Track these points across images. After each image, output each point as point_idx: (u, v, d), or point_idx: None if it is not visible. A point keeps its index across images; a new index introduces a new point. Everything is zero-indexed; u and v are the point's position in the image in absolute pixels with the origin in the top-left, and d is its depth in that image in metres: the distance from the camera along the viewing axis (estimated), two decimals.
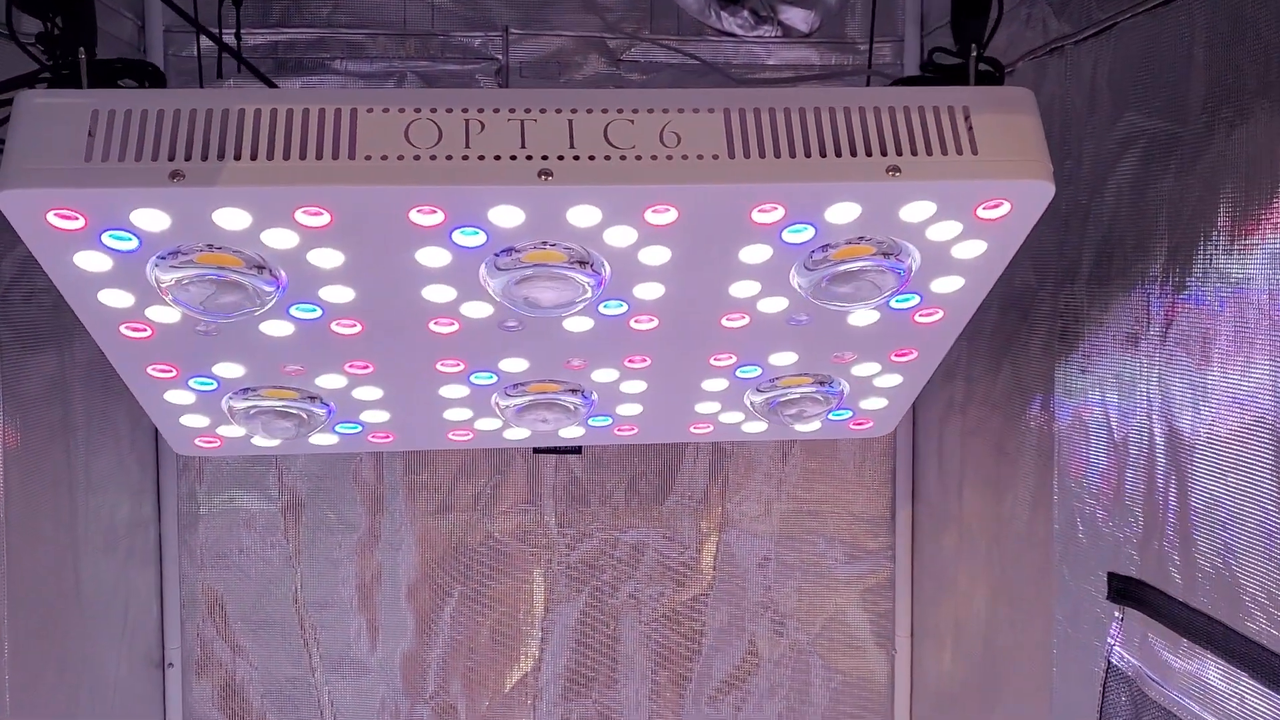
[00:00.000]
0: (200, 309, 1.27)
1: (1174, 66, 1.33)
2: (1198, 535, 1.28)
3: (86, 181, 1.12)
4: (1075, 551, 1.57)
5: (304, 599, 2.25)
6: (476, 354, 1.48)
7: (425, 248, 1.24)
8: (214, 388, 1.51)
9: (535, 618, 2.31)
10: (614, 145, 1.18)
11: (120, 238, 1.19)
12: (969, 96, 1.23)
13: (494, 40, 2.18)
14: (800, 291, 1.37)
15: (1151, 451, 1.38)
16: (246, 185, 1.13)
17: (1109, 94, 1.47)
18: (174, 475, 2.18)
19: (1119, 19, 1.44)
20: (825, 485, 2.33)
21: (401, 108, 1.17)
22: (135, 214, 1.16)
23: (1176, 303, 1.33)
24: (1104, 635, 1.50)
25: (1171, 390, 1.34)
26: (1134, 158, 1.41)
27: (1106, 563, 1.50)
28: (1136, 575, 1.43)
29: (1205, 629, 1.26)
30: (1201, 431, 1.27)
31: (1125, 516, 1.45)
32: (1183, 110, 1.31)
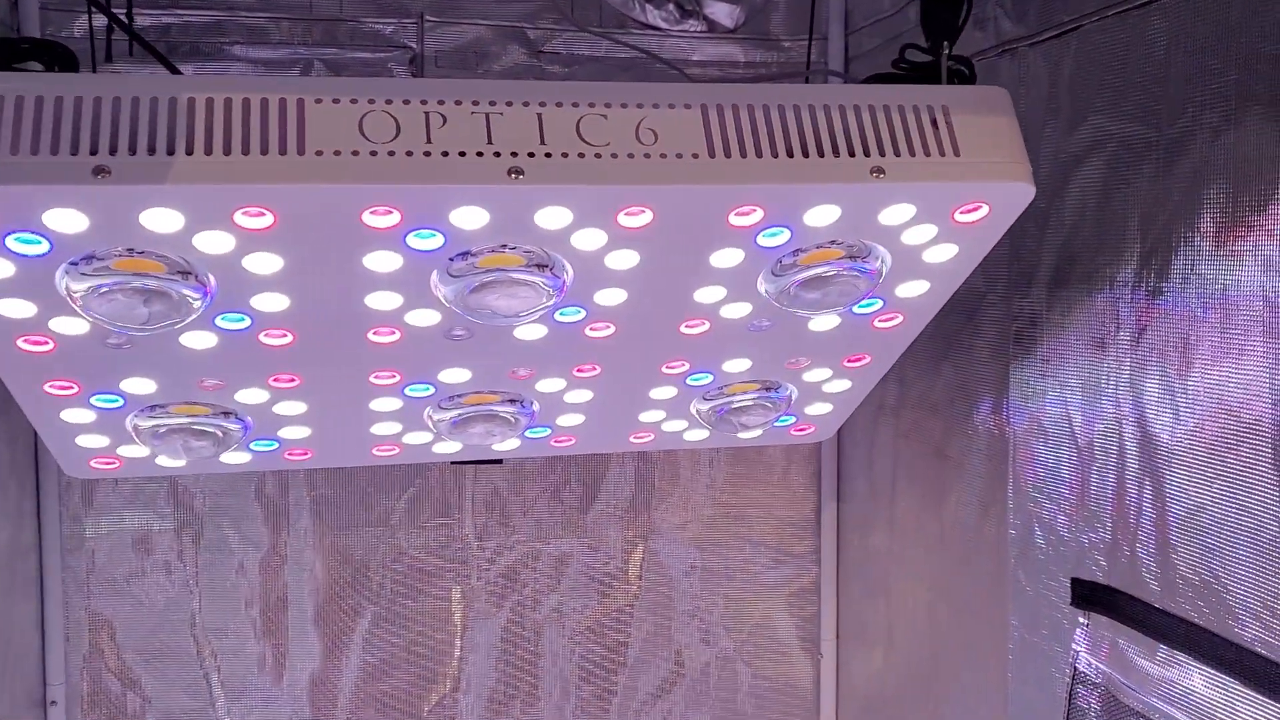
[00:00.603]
0: (117, 321, 1.13)
1: (1147, 71, 1.31)
2: (1178, 542, 1.26)
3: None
4: (1033, 556, 1.55)
5: (202, 625, 2.10)
6: (415, 365, 1.38)
7: (375, 251, 1.14)
8: (119, 405, 1.37)
9: (454, 635, 2.20)
10: (587, 142, 1.09)
11: (28, 241, 1.05)
12: (947, 96, 1.18)
13: (407, 28, 2.06)
14: (765, 296, 1.31)
15: (1122, 457, 1.36)
16: (182, 183, 1.01)
17: (1070, 97, 1.45)
18: (55, 497, 2.00)
19: (1084, 22, 1.41)
20: (751, 490, 2.29)
21: (354, 98, 1.06)
22: (49, 214, 1.02)
23: (1152, 307, 1.31)
24: (1066, 641, 1.48)
25: (1146, 396, 1.32)
26: (1100, 162, 1.39)
27: (1069, 569, 1.48)
28: (1104, 581, 1.41)
29: (1187, 635, 1.24)
30: (1182, 438, 1.26)
31: (1091, 523, 1.43)
32: (1157, 115, 1.29)
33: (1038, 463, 1.55)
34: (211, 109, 1.03)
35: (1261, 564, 1.15)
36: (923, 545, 1.92)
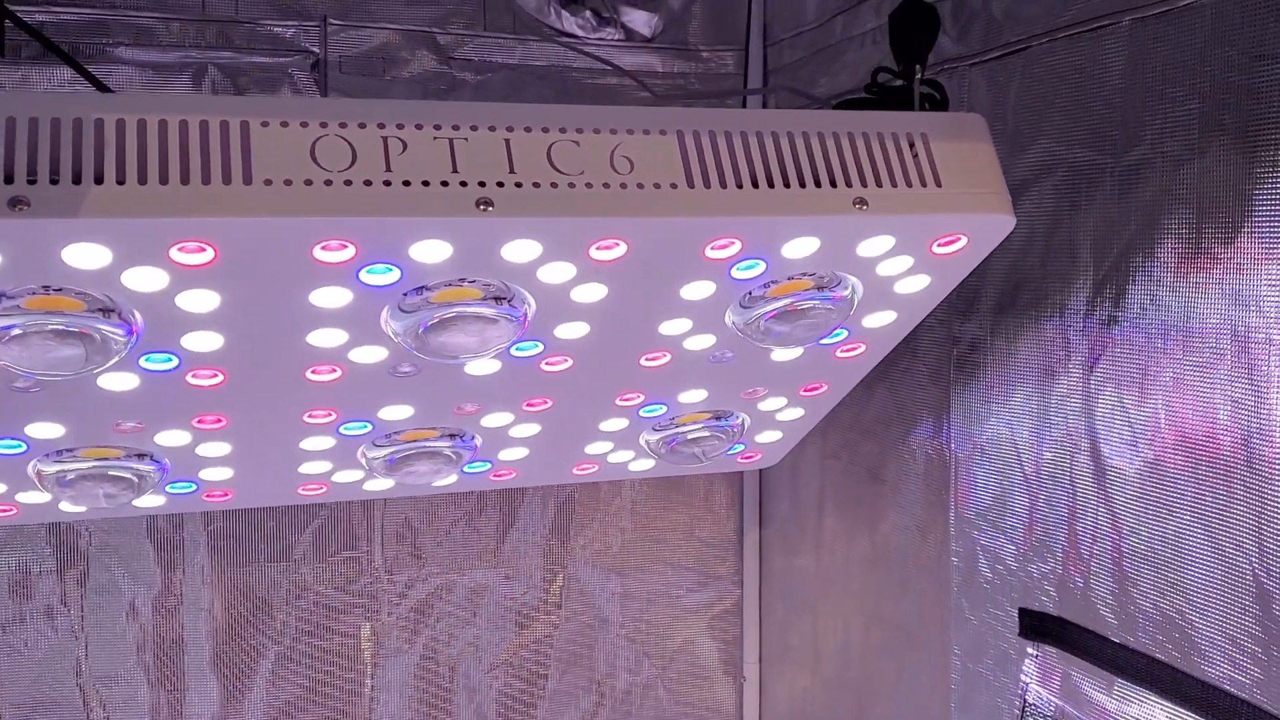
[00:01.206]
0: (32, 367, 1.01)
1: (1100, 96, 1.30)
2: (1137, 575, 1.26)
3: None
4: (977, 585, 1.54)
5: (89, 673, 1.94)
6: (354, 403, 1.28)
7: (324, 287, 1.04)
8: (21, 451, 1.23)
9: (363, 674, 2.08)
10: (560, 170, 1.02)
11: None
12: (926, 123, 1.14)
13: (309, 31, 1.94)
14: (731, 328, 1.25)
15: (1074, 487, 1.35)
16: (112, 217, 0.89)
17: (1016, 120, 1.43)
18: None
19: (1032, 44, 1.40)
20: (672, 512, 2.23)
21: (304, 121, 0.96)
22: None
23: (1106, 336, 1.30)
24: (1014, 672, 1.47)
25: (1100, 425, 1.31)
26: (1048, 187, 1.38)
27: (1016, 599, 1.46)
28: (1054, 612, 1.40)
29: (1149, 670, 1.24)
30: (1141, 469, 1.25)
31: (1040, 552, 1.42)
32: (1111, 141, 1.28)
33: (981, 490, 1.53)
34: (144, 132, 0.92)
35: (1231, 601, 1.15)
36: (853, 569, 1.90)
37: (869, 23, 1.80)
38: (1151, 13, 1.21)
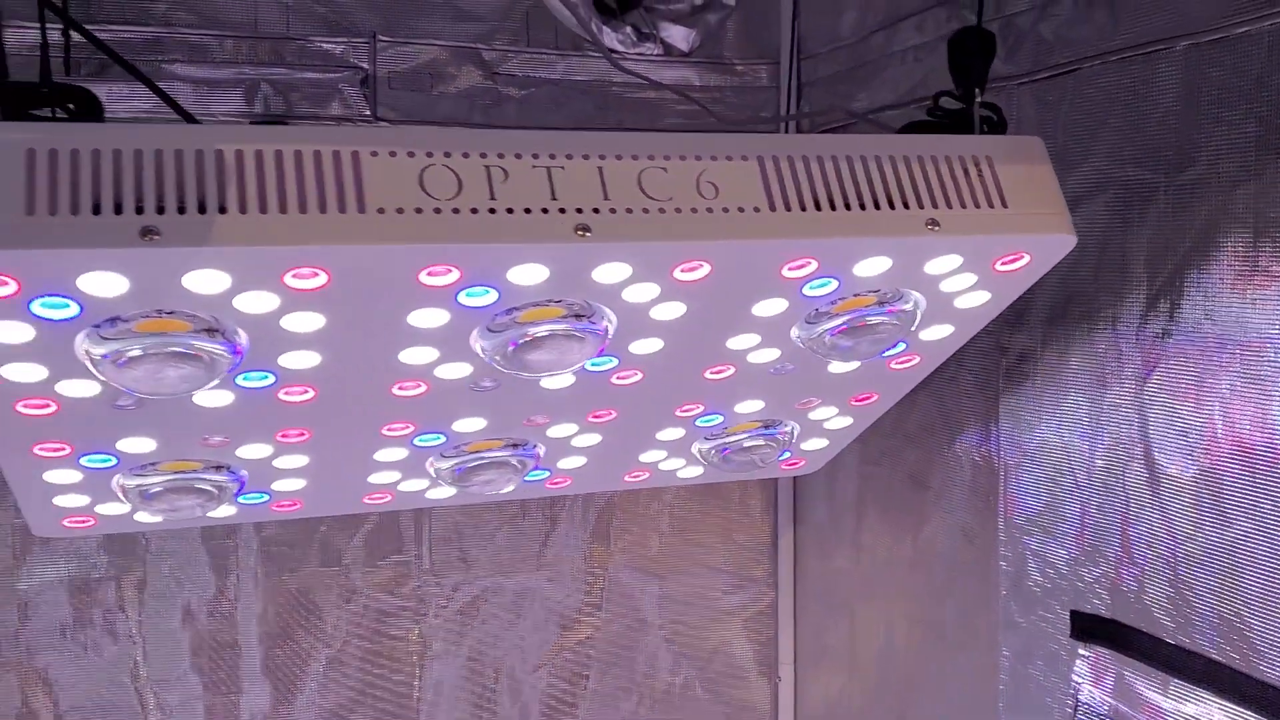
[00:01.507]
0: (144, 388, 1.05)
1: (1153, 117, 1.34)
2: (1193, 579, 1.30)
3: (31, 241, 0.89)
4: (1026, 589, 1.58)
5: (146, 676, 1.98)
6: (432, 416, 1.32)
7: (424, 309, 1.08)
8: (111, 465, 1.28)
9: (411, 676, 2.13)
10: (650, 196, 1.06)
11: (56, 305, 0.96)
12: (990, 146, 1.19)
13: (358, 47, 1.99)
14: (796, 342, 1.30)
15: (1127, 494, 1.40)
16: (236, 245, 0.94)
17: (1066, 138, 1.48)
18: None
19: (1082, 66, 1.44)
20: (709, 516, 2.28)
21: (411, 151, 1.00)
22: (85, 278, 0.93)
23: (1160, 348, 1.34)
24: (1065, 673, 1.51)
25: (1155, 434, 1.35)
26: (1100, 205, 1.42)
27: (1067, 602, 1.51)
28: (1107, 615, 1.44)
29: (1206, 671, 1.28)
30: (1198, 477, 1.29)
31: (1092, 557, 1.46)
32: (1164, 161, 1.33)
33: (1031, 496, 1.58)
34: (263, 162, 0.96)
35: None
36: (893, 571, 1.94)
37: (910, 39, 1.84)
38: (1207, 39, 1.26)
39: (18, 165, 0.90)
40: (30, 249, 0.89)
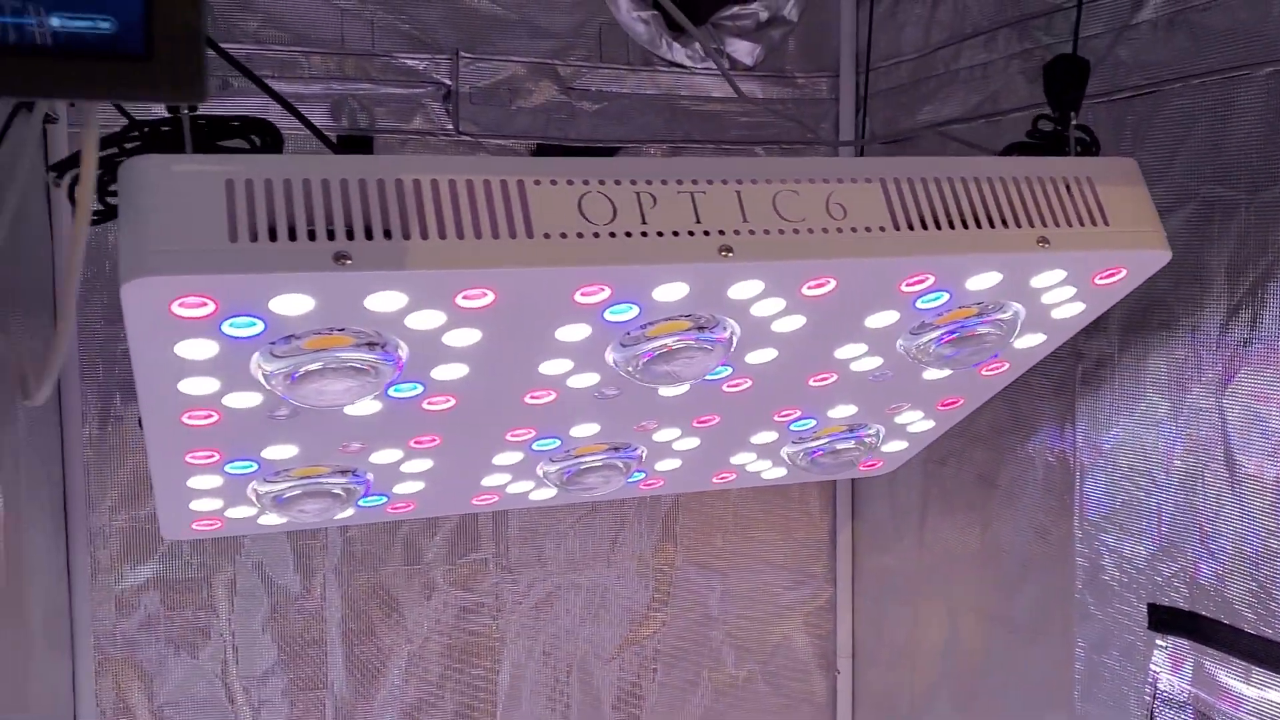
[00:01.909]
0: (318, 399, 1.12)
1: (1233, 138, 1.41)
2: (1277, 574, 1.38)
3: (235, 266, 0.96)
4: (1103, 584, 1.66)
5: (236, 673, 2.05)
6: (553, 422, 1.39)
7: (572, 324, 1.15)
8: (252, 470, 1.34)
9: (490, 671, 2.20)
10: (784, 218, 1.13)
11: (245, 324, 1.03)
12: (1089, 167, 1.26)
13: (440, 64, 2.05)
14: (900, 352, 1.37)
15: (1207, 494, 1.47)
16: (418, 269, 1.01)
17: (1141, 156, 1.54)
18: (85, 550, 1.93)
19: (1160, 88, 1.51)
20: (771, 515, 2.35)
21: (570, 179, 1.07)
22: (277, 300, 1.01)
23: (1241, 355, 1.42)
24: (1141, 662, 1.59)
25: (1236, 437, 1.43)
26: (1179, 220, 1.49)
27: (1144, 595, 1.58)
28: (1185, 608, 1.52)
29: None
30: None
31: (1170, 553, 1.54)
32: (1244, 180, 1.40)
33: (1108, 494, 1.65)
34: (438, 191, 1.03)
35: None
36: (958, 567, 2.01)
37: (978, 57, 1.91)
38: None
39: (219, 195, 0.97)
40: (235, 274, 0.96)
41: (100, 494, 1.95)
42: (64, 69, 0.61)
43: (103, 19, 0.61)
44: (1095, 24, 1.61)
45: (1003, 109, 1.86)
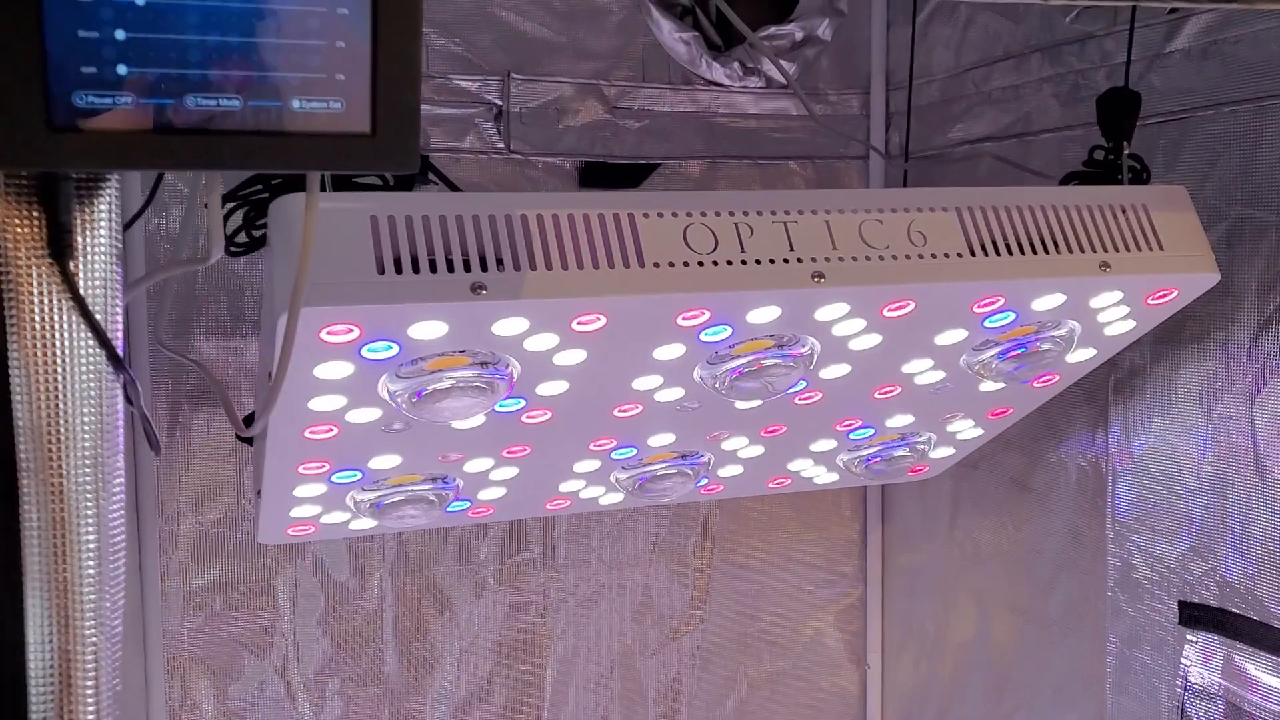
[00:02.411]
0: (447, 415, 1.20)
1: (1262, 163, 1.51)
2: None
3: (383, 296, 1.04)
4: (1134, 582, 1.75)
5: (296, 671, 2.13)
6: (634, 432, 1.48)
7: (670, 344, 1.24)
8: (356, 479, 1.43)
9: (538, 666, 2.28)
10: (870, 245, 1.22)
11: (383, 348, 1.11)
12: (1144, 195, 1.35)
13: (492, 85, 2.13)
14: (963, 367, 1.46)
15: (1236, 498, 1.57)
16: (544, 297, 1.09)
17: (1173, 178, 1.64)
18: (155, 553, 2.00)
19: (1191, 115, 1.61)
20: (804, 516, 2.44)
21: (675, 212, 1.16)
22: (415, 326, 1.09)
23: (1270, 368, 1.51)
24: (1171, 656, 1.69)
25: (1264, 445, 1.52)
26: (1211, 240, 1.58)
27: (1175, 593, 1.68)
28: (1216, 605, 1.62)
29: None
30: None
31: (1201, 554, 1.63)
32: (1273, 203, 1.50)
33: (1140, 498, 1.75)
34: (559, 225, 1.11)
35: None
36: (988, 566, 2.11)
37: (1009, 79, 2.01)
38: None
39: (365, 231, 1.05)
40: (383, 304, 1.04)
41: (169, 500, 2.02)
42: (301, 145, 0.69)
43: (335, 101, 0.69)
44: (1131, 51, 1.70)
45: (1035, 129, 1.96)
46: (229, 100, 0.66)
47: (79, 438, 0.64)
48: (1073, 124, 1.86)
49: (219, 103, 0.66)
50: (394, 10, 0.69)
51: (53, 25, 0.60)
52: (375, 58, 0.69)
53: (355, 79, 0.69)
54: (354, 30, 0.68)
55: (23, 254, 0.64)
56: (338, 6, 0.67)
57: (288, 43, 0.67)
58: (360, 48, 0.68)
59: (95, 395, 0.65)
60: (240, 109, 0.66)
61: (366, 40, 0.68)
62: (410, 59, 0.70)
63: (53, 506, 0.62)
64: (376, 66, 0.69)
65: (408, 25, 0.69)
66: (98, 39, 0.61)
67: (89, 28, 0.61)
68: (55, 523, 0.62)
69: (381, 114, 0.70)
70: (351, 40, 0.68)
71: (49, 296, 0.64)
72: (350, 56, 0.68)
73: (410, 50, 0.70)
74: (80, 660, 0.62)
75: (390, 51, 0.69)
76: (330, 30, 0.67)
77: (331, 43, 0.68)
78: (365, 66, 0.69)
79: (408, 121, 0.71)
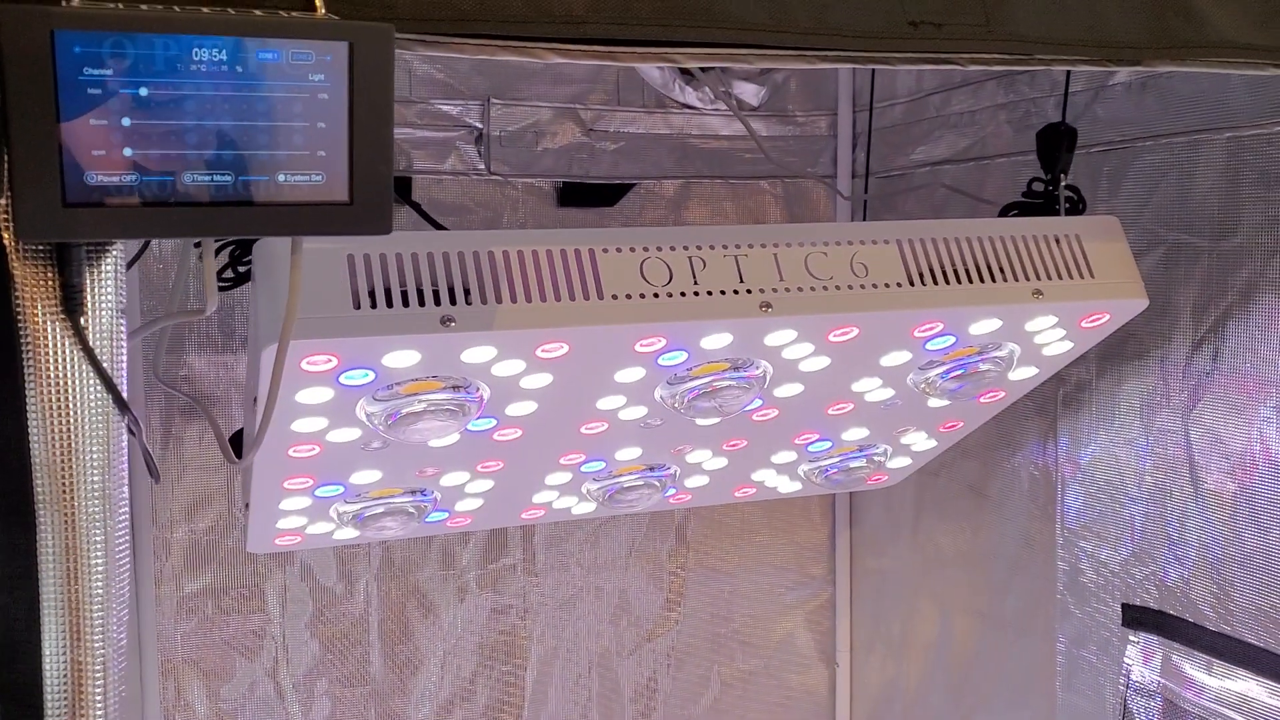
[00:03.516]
0: (420, 437, 1.29)
1: (1195, 192, 1.61)
2: (1234, 578, 1.57)
3: (358, 329, 1.13)
4: (1081, 585, 1.85)
5: (286, 673, 2.22)
6: (602, 447, 1.57)
7: (630, 368, 1.33)
8: (339, 493, 1.51)
9: (518, 667, 2.38)
10: (815, 276, 1.31)
11: (360, 376, 1.20)
12: (1077, 225, 1.45)
13: (472, 109, 2.22)
14: (910, 385, 1.56)
15: (1174, 507, 1.67)
16: (510, 329, 1.18)
17: (1114, 203, 1.74)
18: (149, 558, 2.09)
19: (1130, 145, 1.71)
20: (774, 520, 2.54)
21: (632, 247, 1.25)
22: (389, 355, 1.18)
23: (1204, 383, 1.61)
24: (1117, 657, 1.79)
25: (1199, 457, 1.62)
26: (1150, 261, 1.68)
27: (1118, 596, 1.78)
28: (1155, 607, 1.71)
29: (1245, 654, 1.55)
30: (1237, 494, 1.56)
31: (1142, 559, 1.73)
32: (1207, 230, 1.60)
33: (1086, 505, 1.84)
34: (523, 260, 1.20)
35: None
36: (949, 569, 2.21)
37: (967, 104, 2.11)
38: (1248, 134, 1.52)
39: (342, 268, 1.14)
40: (358, 336, 1.13)
41: (163, 509, 2.11)
42: (286, 214, 0.78)
43: (317, 174, 0.78)
44: (1076, 83, 1.80)
45: (990, 154, 2.06)
46: (222, 176, 0.75)
47: (89, 473, 0.73)
48: (1025, 150, 1.95)
49: (213, 179, 0.75)
50: (368, 94, 0.78)
51: (68, 116, 0.69)
52: (352, 136, 0.78)
53: (334, 155, 0.78)
54: (333, 112, 0.77)
55: (40, 311, 0.73)
56: (319, 91, 0.76)
57: (275, 125, 0.75)
58: (339, 127, 0.77)
59: (103, 434, 0.74)
60: (232, 183, 0.75)
61: (344, 120, 0.77)
62: (383, 135, 0.79)
63: (66, 534, 0.71)
64: (353, 143, 0.78)
65: (380, 106, 0.78)
66: (106, 126, 0.70)
67: (99, 117, 0.70)
68: (68, 549, 0.71)
69: (358, 185, 0.79)
70: (331, 121, 0.77)
71: (63, 348, 0.73)
72: (330, 135, 0.77)
73: (383, 128, 0.79)
74: (90, 670, 0.71)
75: (365, 130, 0.78)
76: (312, 112, 0.76)
77: (314, 123, 0.77)
78: (343, 143, 0.78)
79: (381, 190, 0.80)
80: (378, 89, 0.78)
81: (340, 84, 0.76)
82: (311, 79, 0.76)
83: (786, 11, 0.86)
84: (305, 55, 0.75)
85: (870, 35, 0.89)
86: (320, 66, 0.75)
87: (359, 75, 0.76)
